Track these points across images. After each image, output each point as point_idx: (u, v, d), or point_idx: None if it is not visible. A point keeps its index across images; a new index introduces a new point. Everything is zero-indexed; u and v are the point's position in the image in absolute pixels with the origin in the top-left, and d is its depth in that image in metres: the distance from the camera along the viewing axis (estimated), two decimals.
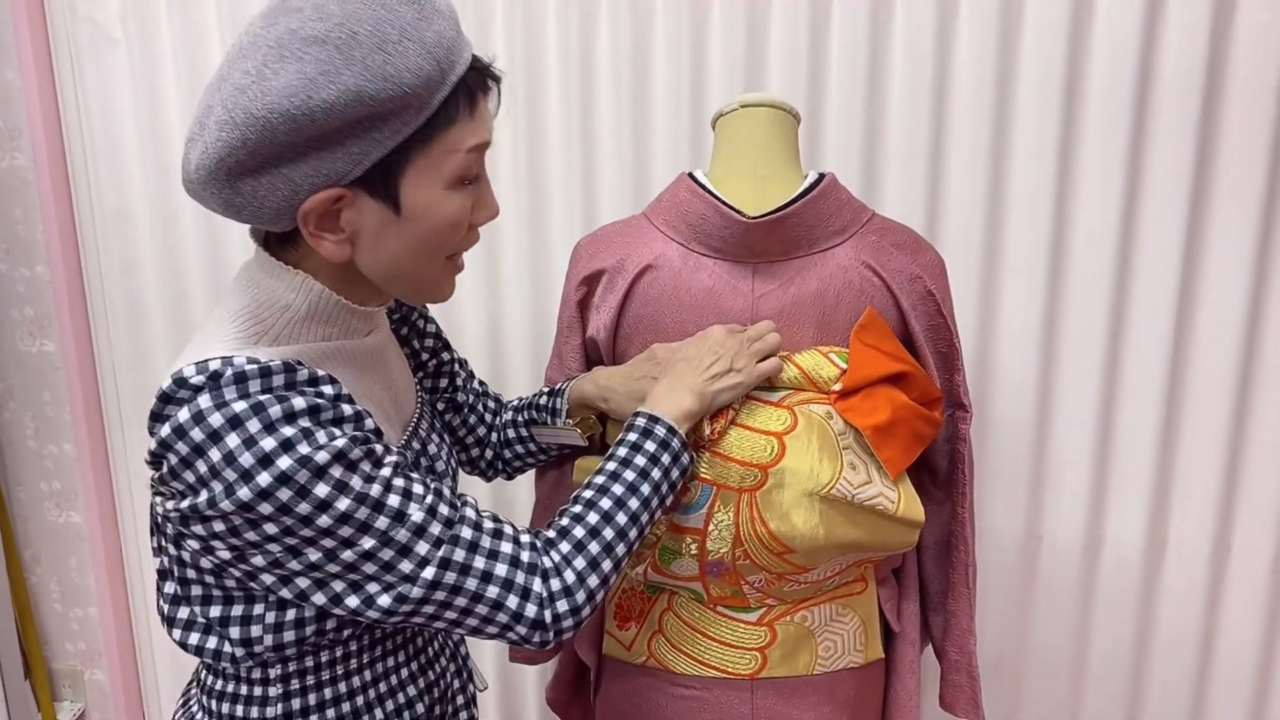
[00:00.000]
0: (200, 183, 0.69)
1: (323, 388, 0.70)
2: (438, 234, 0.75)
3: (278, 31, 0.66)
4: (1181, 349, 1.48)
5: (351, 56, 0.65)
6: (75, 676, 1.93)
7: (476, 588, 0.73)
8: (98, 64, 1.61)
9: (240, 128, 0.65)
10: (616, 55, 1.47)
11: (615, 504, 0.81)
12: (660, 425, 0.87)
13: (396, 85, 0.66)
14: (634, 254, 1.04)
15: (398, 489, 0.70)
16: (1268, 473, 1.49)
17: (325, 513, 0.67)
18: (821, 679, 1.04)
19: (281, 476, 0.65)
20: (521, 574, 0.74)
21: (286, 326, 0.74)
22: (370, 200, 0.71)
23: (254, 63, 0.66)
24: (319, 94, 0.64)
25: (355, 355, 0.79)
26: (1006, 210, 1.46)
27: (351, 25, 0.65)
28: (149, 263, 1.68)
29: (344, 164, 0.68)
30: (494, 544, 0.74)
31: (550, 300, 1.56)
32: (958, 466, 1.09)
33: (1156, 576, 1.57)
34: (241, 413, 0.65)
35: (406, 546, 0.70)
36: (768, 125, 1.05)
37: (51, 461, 1.82)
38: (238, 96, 0.65)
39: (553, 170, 1.53)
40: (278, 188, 0.68)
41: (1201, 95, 1.37)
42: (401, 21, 0.66)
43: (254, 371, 0.67)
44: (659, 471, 0.85)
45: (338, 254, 0.72)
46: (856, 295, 1.01)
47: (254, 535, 0.68)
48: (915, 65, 1.42)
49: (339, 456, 0.67)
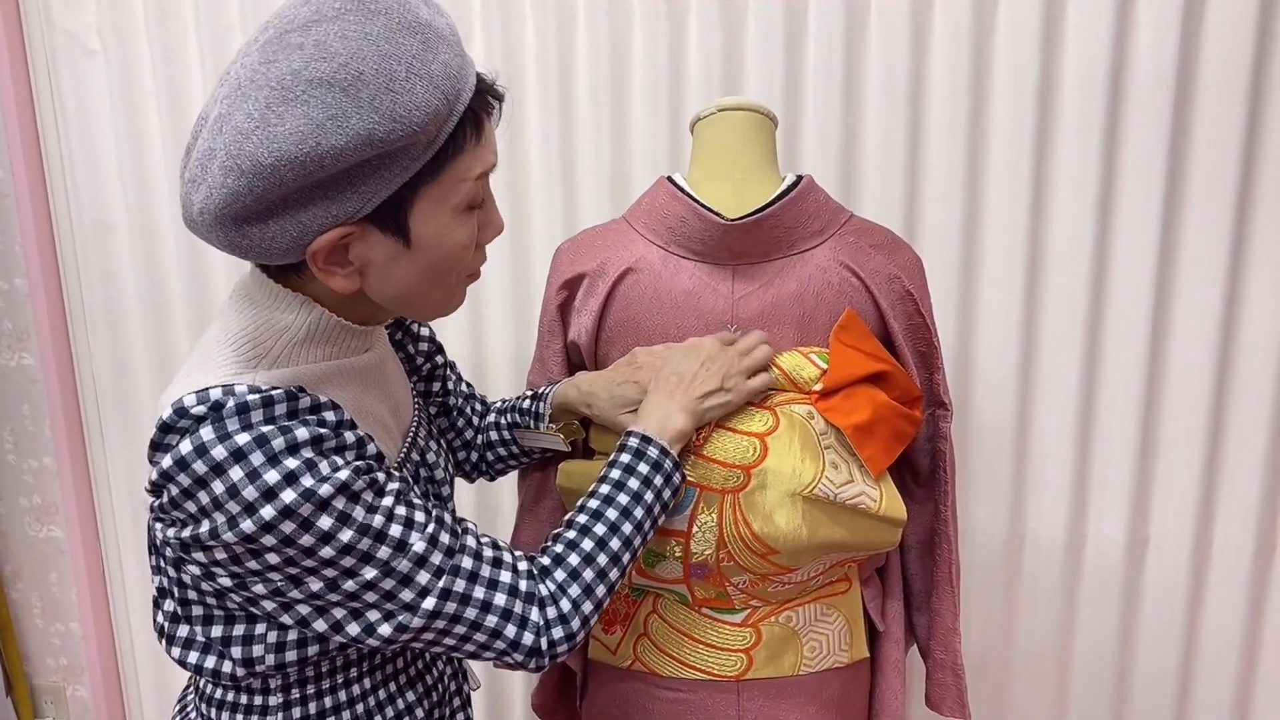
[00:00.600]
0: (205, 225, 0.68)
1: (325, 414, 0.70)
2: (447, 261, 0.74)
3: (279, 71, 0.64)
4: (1159, 346, 1.49)
5: (359, 98, 0.63)
6: (57, 692, 1.91)
7: (475, 617, 0.73)
8: (75, 75, 1.61)
9: (246, 175, 0.63)
10: (595, 60, 1.48)
11: (609, 529, 0.82)
12: (653, 447, 0.87)
13: (406, 125, 0.64)
14: (614, 257, 1.04)
15: (400, 519, 0.71)
16: (1247, 469, 1.51)
17: (328, 544, 0.67)
18: (807, 679, 1.04)
19: (285, 510, 0.65)
20: (519, 603, 0.75)
21: (286, 349, 0.73)
22: (379, 234, 0.70)
23: (256, 105, 0.63)
24: (327, 140, 0.63)
25: (355, 372, 0.79)
26: (983, 210, 1.47)
27: (357, 65, 0.63)
28: (128, 273, 1.67)
29: (353, 204, 0.67)
30: (494, 573, 0.75)
31: (532, 304, 1.56)
32: (939, 465, 1.10)
33: (1139, 574, 1.58)
34: (245, 445, 0.65)
35: (408, 576, 0.70)
36: (745, 128, 1.05)
37: (31, 476, 1.81)
38: (242, 142, 0.63)
39: (533, 175, 1.54)
40: (286, 230, 0.67)
41: (1173, 94, 1.39)
42: (407, 56, 0.65)
43: (256, 401, 0.66)
44: (651, 494, 0.86)
45: (347, 286, 0.72)
46: (836, 296, 1.01)
47: (255, 564, 0.68)
48: (891, 68, 1.43)
49: (342, 489, 0.67)
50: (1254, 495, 1.51)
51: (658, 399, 0.93)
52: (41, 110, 1.64)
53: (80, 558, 1.81)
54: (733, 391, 0.94)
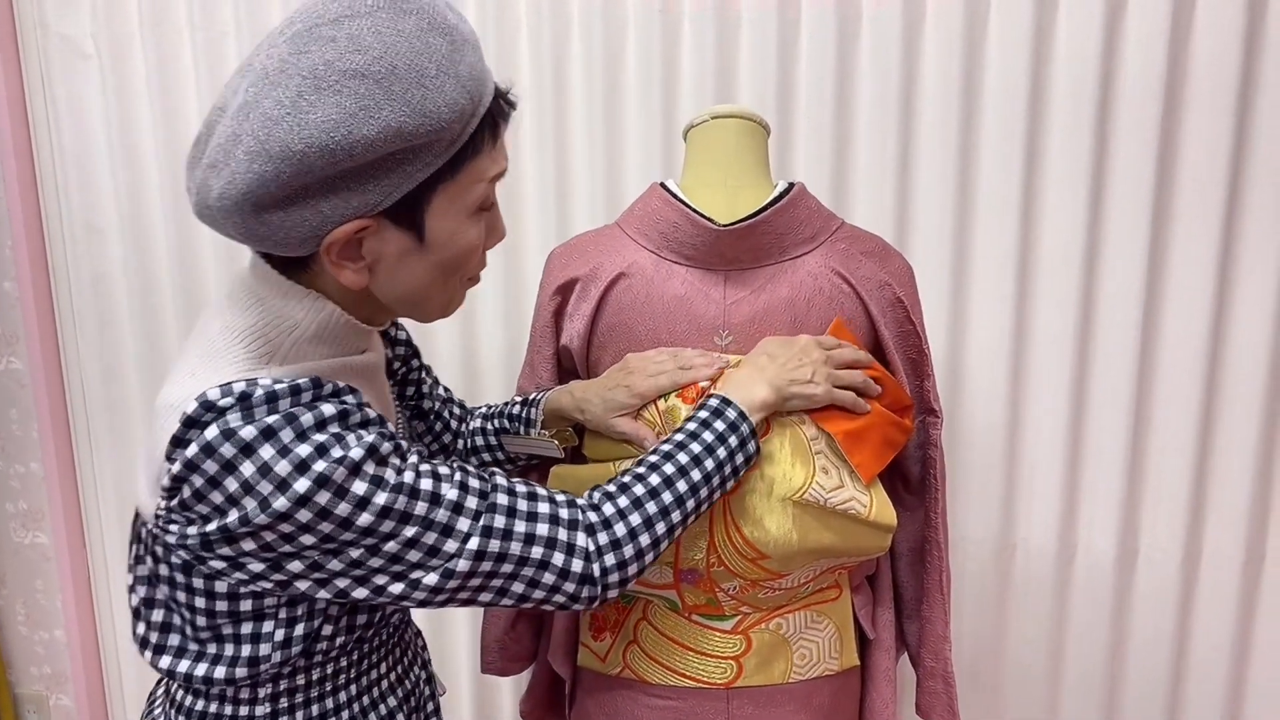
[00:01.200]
0: (222, 211, 0.67)
1: (345, 397, 0.71)
2: (456, 261, 0.75)
3: (312, 61, 0.64)
4: (1149, 355, 1.50)
5: (391, 91, 0.64)
6: (40, 701, 1.88)
7: (521, 550, 0.73)
8: (69, 79, 1.61)
9: (275, 160, 0.64)
10: (589, 67, 1.49)
11: (678, 471, 0.82)
12: (732, 408, 0.87)
13: (434, 120, 0.66)
14: (607, 262, 1.04)
15: (427, 474, 0.71)
16: (1236, 478, 1.51)
17: (365, 510, 0.67)
18: (797, 687, 1.04)
19: (319, 479, 0.65)
20: (564, 530, 0.75)
21: (295, 346, 0.73)
22: (394, 229, 0.70)
23: (287, 93, 0.64)
24: (359, 129, 0.63)
25: (356, 371, 0.79)
26: (974, 219, 1.48)
27: (390, 59, 0.64)
28: (119, 277, 1.67)
29: (375, 197, 0.67)
30: (531, 505, 0.75)
31: (524, 310, 1.56)
32: (929, 472, 1.10)
33: (1129, 582, 1.58)
34: (274, 423, 0.65)
35: (448, 526, 0.71)
36: (738, 136, 1.06)
37: (18, 481, 1.79)
38: (271, 128, 0.63)
39: (526, 180, 1.54)
40: (306, 219, 0.67)
41: (1162, 103, 1.40)
42: (437, 55, 0.66)
43: (284, 390, 0.67)
44: (724, 451, 0.85)
45: (357, 281, 0.72)
46: (827, 302, 1.02)
47: (290, 548, 0.68)
48: (882, 77, 1.44)
49: (371, 451, 0.68)
50: (1243, 505, 1.52)
51: (746, 371, 0.93)
52: (34, 113, 1.64)
53: (66, 564, 1.79)
54: (821, 387, 0.93)
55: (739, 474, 0.88)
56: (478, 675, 1.73)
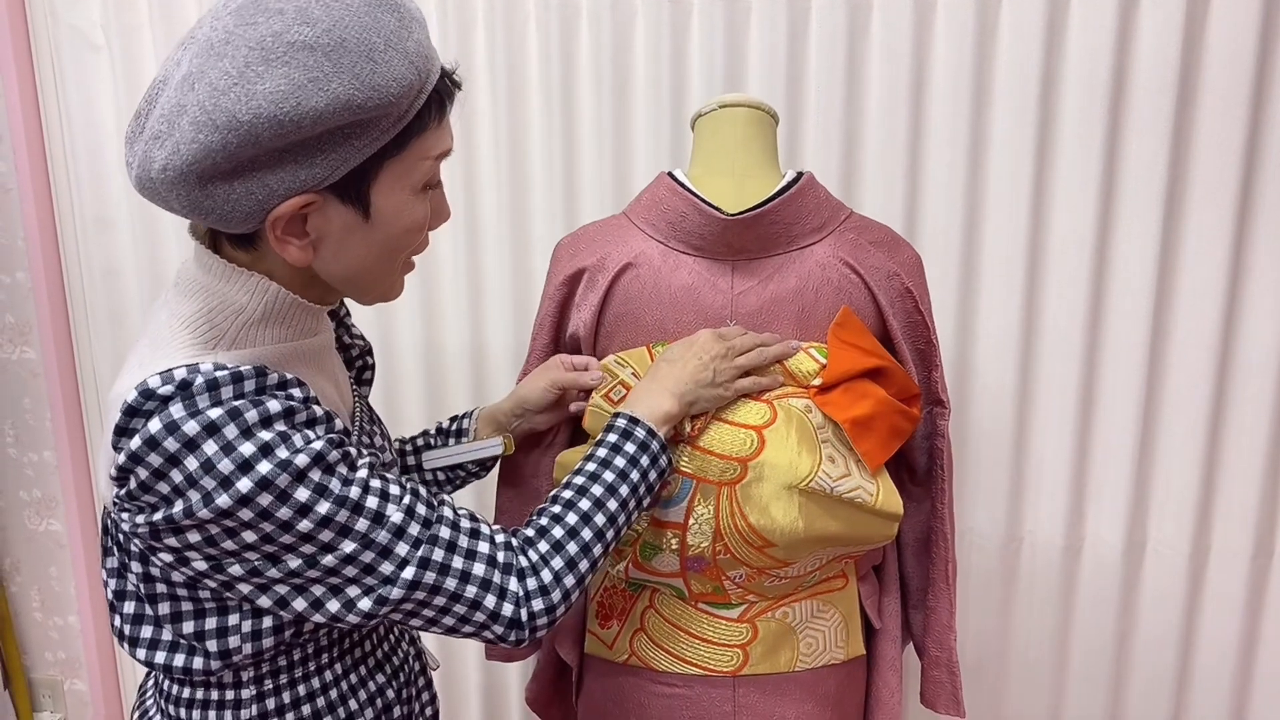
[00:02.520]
0: (165, 184, 0.66)
1: (292, 390, 0.70)
2: (400, 239, 0.75)
3: (259, 33, 0.63)
4: (1159, 350, 1.49)
5: (340, 64, 0.64)
6: (55, 686, 1.91)
7: (455, 587, 0.73)
8: (79, 70, 1.61)
9: (221, 130, 0.63)
10: (597, 57, 1.48)
11: (594, 505, 0.82)
12: (640, 427, 0.88)
13: (383, 94, 0.65)
14: (614, 252, 1.05)
15: (375, 490, 0.71)
16: (1245, 474, 1.51)
17: (305, 517, 0.67)
18: (803, 675, 1.04)
19: (262, 481, 0.65)
20: (498, 573, 0.75)
21: (241, 330, 0.72)
22: (340, 205, 0.70)
23: (234, 63, 0.63)
24: (307, 101, 0.63)
25: (308, 355, 0.79)
26: (984, 210, 1.48)
27: (340, 32, 0.64)
28: (130, 269, 1.68)
29: (321, 171, 0.67)
30: (471, 543, 0.75)
31: (532, 300, 1.56)
32: (936, 463, 1.10)
33: (1136, 577, 1.57)
34: (218, 419, 0.65)
35: (386, 548, 0.70)
36: (746, 125, 1.06)
37: (32, 469, 1.81)
38: (218, 98, 0.63)
39: (534, 170, 1.54)
40: (252, 192, 0.66)
41: (1176, 96, 1.39)
42: (385, 30, 0.66)
43: (225, 378, 0.66)
44: (637, 473, 0.86)
45: (301, 259, 0.71)
46: (835, 292, 1.02)
47: (231, 544, 0.67)
48: (893, 66, 1.44)
49: (317, 459, 0.67)
50: (1252, 500, 1.51)
51: (647, 384, 0.94)
52: (45, 105, 1.65)
53: (79, 552, 1.81)
54: (723, 386, 0.95)
55: (654, 490, 0.89)
56: (484, 662, 1.74)
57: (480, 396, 1.63)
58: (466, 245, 1.57)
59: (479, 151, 1.54)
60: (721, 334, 0.97)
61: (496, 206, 1.55)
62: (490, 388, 1.63)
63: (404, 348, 1.64)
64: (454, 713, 1.77)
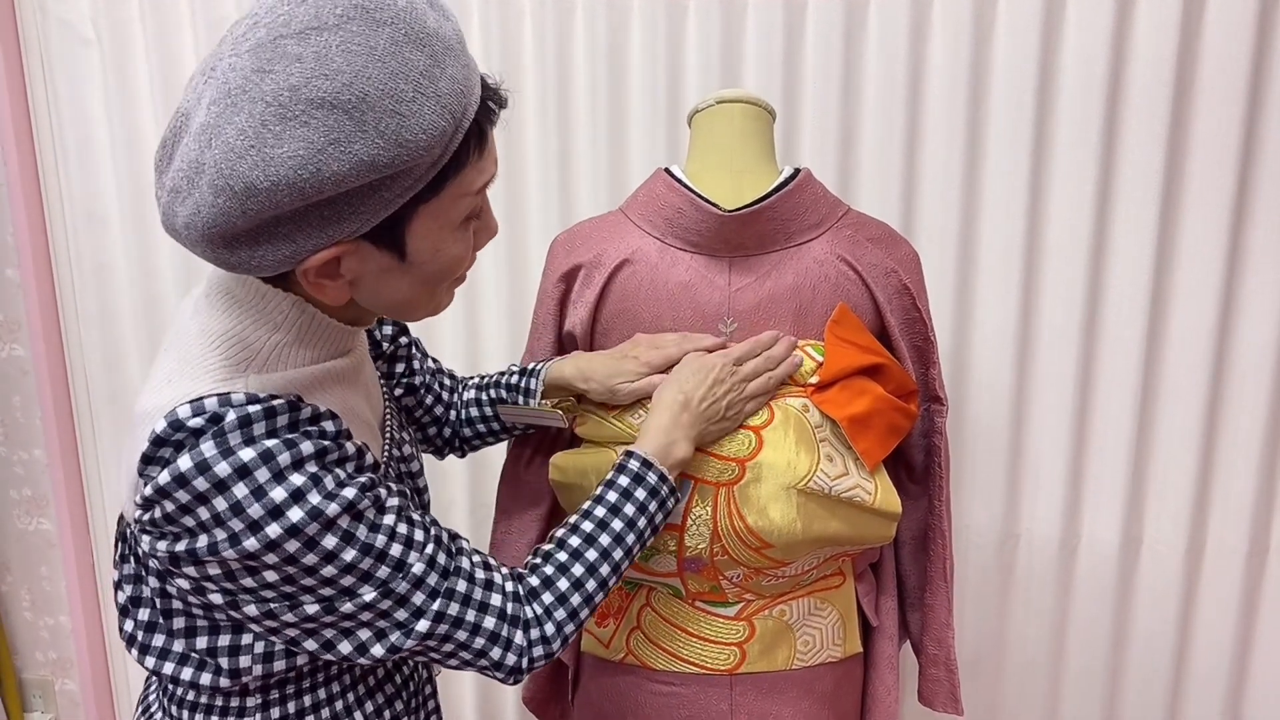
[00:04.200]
0: (189, 240, 0.64)
1: (324, 424, 0.69)
2: (444, 273, 0.73)
3: (275, 85, 0.59)
4: (1155, 347, 1.49)
5: (363, 122, 0.59)
6: (46, 686, 1.89)
7: (465, 639, 0.74)
8: (69, 65, 1.60)
9: (239, 197, 0.60)
10: (593, 52, 1.48)
11: (600, 556, 0.82)
12: (652, 472, 0.87)
13: (411, 149, 0.61)
14: (611, 249, 1.04)
15: (401, 538, 0.70)
16: (1241, 470, 1.51)
17: (330, 563, 0.66)
18: (800, 673, 1.04)
19: (292, 528, 0.64)
20: (506, 626, 0.76)
21: (275, 351, 0.70)
22: (374, 249, 0.67)
23: (250, 122, 0.59)
24: (328, 166, 0.59)
25: (341, 374, 0.77)
26: (981, 207, 1.47)
27: (361, 85, 0.59)
28: (121, 265, 1.67)
29: (350, 226, 0.64)
30: (485, 595, 0.75)
31: (527, 299, 1.55)
32: (934, 460, 1.09)
33: (1132, 574, 1.58)
34: (250, 461, 0.63)
35: (404, 597, 0.70)
36: (743, 121, 1.05)
37: (22, 468, 1.79)
38: (235, 162, 0.59)
39: (530, 167, 1.54)
40: (279, 250, 0.64)
41: (1172, 92, 1.39)
42: (415, 73, 0.60)
43: (259, 413, 0.64)
44: (644, 520, 0.86)
45: (338, 298, 0.69)
46: (832, 289, 1.01)
47: (251, 582, 0.66)
48: (890, 62, 1.43)
49: (349, 508, 0.66)
50: (1248, 497, 1.51)
51: (662, 420, 0.91)
52: (35, 100, 1.63)
53: (70, 551, 1.80)
54: (735, 420, 0.95)
55: (659, 532, 0.89)
56: None
57: None
58: None
59: None
60: (732, 357, 0.95)
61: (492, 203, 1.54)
62: None
63: None
64: (451, 711, 1.76)
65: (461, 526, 1.69)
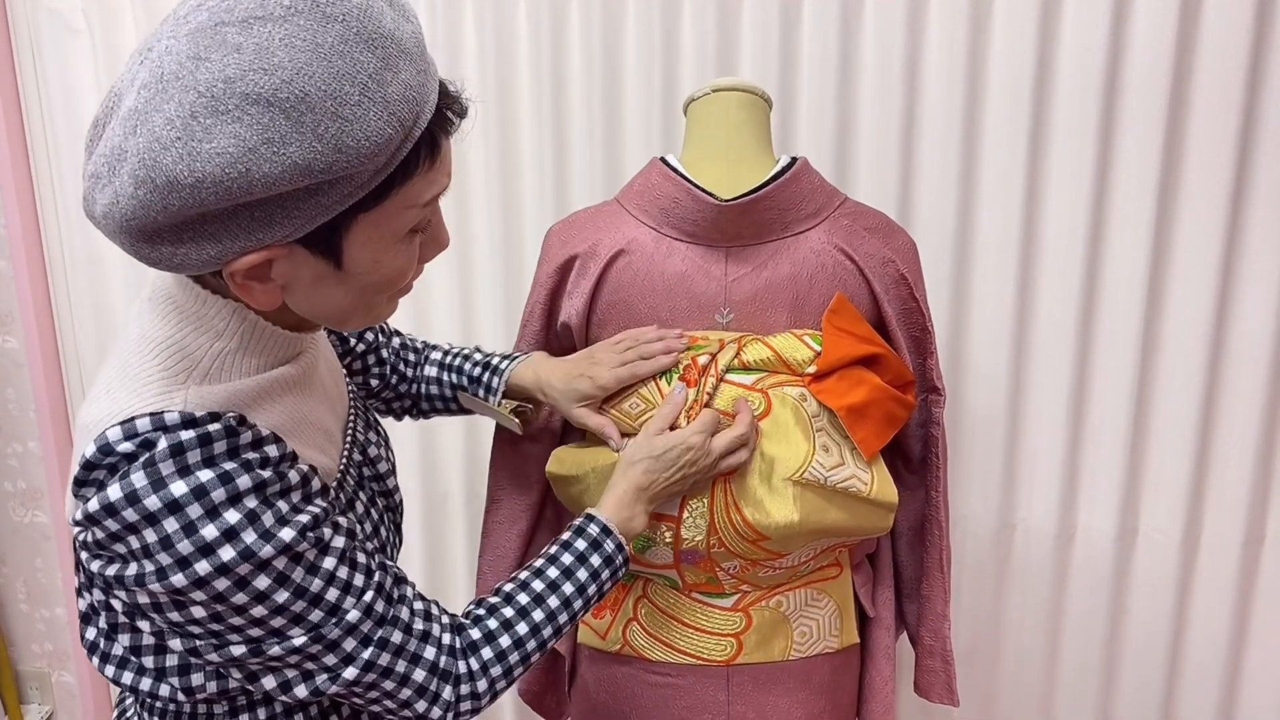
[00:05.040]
0: (108, 230, 0.60)
1: (268, 450, 0.65)
2: (383, 284, 0.68)
3: (209, 75, 0.54)
4: (1152, 337, 1.49)
5: (301, 124, 0.55)
6: (43, 678, 1.89)
7: (392, 689, 0.72)
8: (60, 54, 1.58)
9: (160, 191, 0.55)
10: (587, 40, 1.46)
11: (546, 618, 0.80)
12: (610, 540, 0.86)
13: (352, 156, 0.57)
14: (606, 239, 1.03)
15: (339, 582, 0.67)
16: (1237, 461, 1.51)
17: (261, 604, 0.63)
18: (797, 664, 1.04)
19: (221, 567, 0.61)
20: (436, 680, 0.74)
21: (217, 360, 0.66)
22: (308, 255, 0.63)
23: (180, 111, 0.55)
24: (259, 166, 0.55)
25: (292, 381, 0.73)
26: (978, 197, 1.47)
27: (302, 83, 0.55)
28: (114, 257, 1.65)
29: (281, 230, 0.59)
30: (418, 648, 0.73)
31: (522, 289, 1.55)
32: (931, 450, 1.09)
33: (1128, 564, 1.58)
34: (181, 497, 0.60)
35: (335, 642, 0.68)
36: (739, 109, 1.04)
37: (16, 460, 1.79)
38: (160, 153, 0.55)
39: (524, 156, 1.52)
40: (203, 249, 0.59)
41: (1170, 82, 1.38)
42: (362, 75, 0.56)
43: (192, 441, 0.61)
44: (595, 587, 0.84)
45: (267, 303, 0.65)
46: (830, 279, 1.01)
47: (178, 617, 0.64)
48: (887, 51, 1.42)
49: (284, 550, 0.63)
50: (1244, 487, 1.51)
51: (627, 489, 0.89)
52: (25, 89, 1.62)
53: (65, 543, 1.79)
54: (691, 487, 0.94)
55: (605, 595, 0.87)
56: None
57: None
58: (456, 232, 1.54)
59: (468, 138, 1.51)
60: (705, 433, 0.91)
61: (486, 193, 1.53)
62: None
63: None
64: None
65: (457, 518, 1.69)
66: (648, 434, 0.93)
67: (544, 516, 1.16)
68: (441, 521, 1.69)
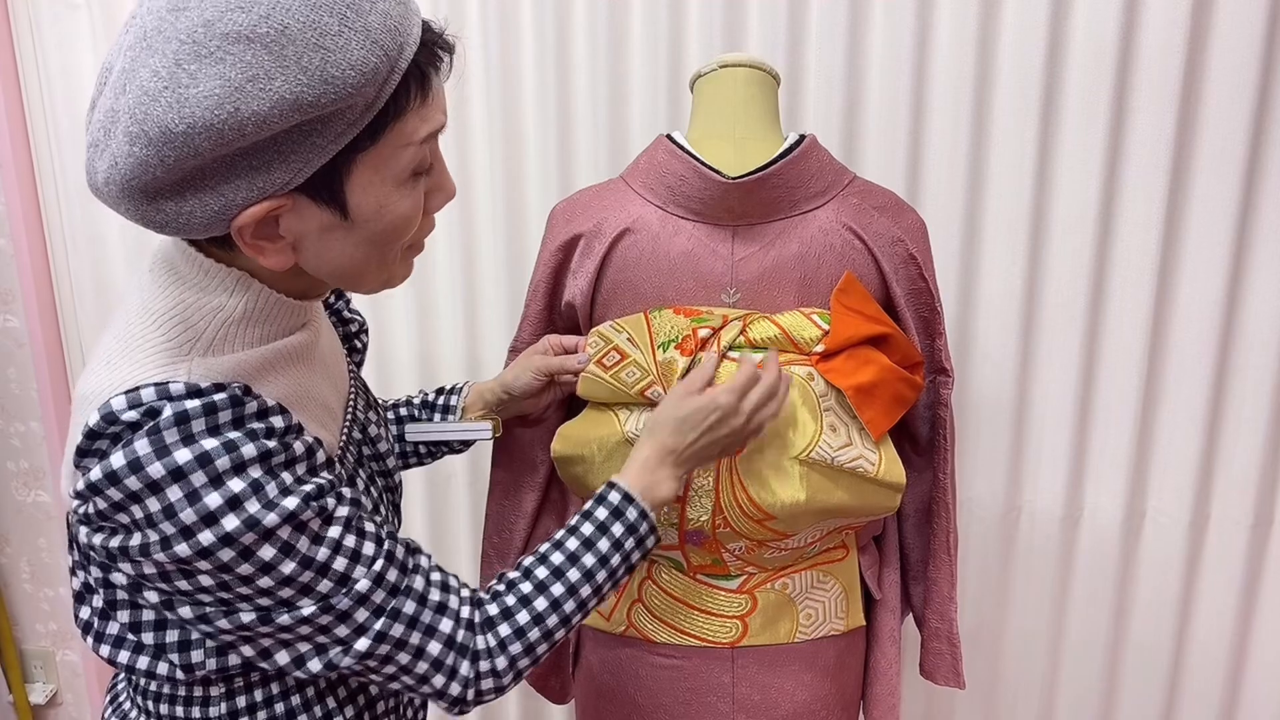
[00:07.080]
0: (111, 197, 0.60)
1: (273, 420, 0.65)
2: (390, 233, 0.67)
3: (189, 22, 0.55)
4: (1161, 320, 1.47)
5: (284, 57, 0.55)
6: (47, 657, 1.90)
7: (407, 662, 0.70)
8: (59, 30, 1.57)
9: (155, 144, 0.56)
10: (593, 15, 1.44)
11: (567, 591, 0.77)
12: (633, 508, 0.81)
13: (339, 87, 0.57)
14: (611, 217, 1.02)
15: (346, 551, 0.66)
16: (1245, 444, 1.50)
17: (267, 574, 0.63)
18: (803, 647, 1.04)
19: (225, 537, 0.60)
20: (453, 654, 0.72)
21: (220, 330, 0.66)
22: (313, 205, 0.63)
23: (164, 61, 0.55)
24: (247, 104, 0.55)
25: (296, 353, 0.72)
26: (987, 177, 1.45)
27: (281, 16, 0.55)
28: (115, 235, 1.65)
29: (281, 175, 0.59)
30: (434, 619, 0.71)
31: (526, 267, 1.54)
32: (939, 432, 1.08)
33: (1135, 547, 1.57)
34: (186, 465, 0.59)
35: (346, 613, 0.66)
36: (747, 86, 1.03)
37: (19, 440, 1.78)
38: (149, 105, 0.55)
39: (528, 134, 1.51)
40: (206, 204, 0.59)
41: (1183, 63, 1.36)
42: (340, 6, 0.57)
43: (197, 410, 0.60)
44: (619, 557, 0.80)
45: (280, 263, 0.65)
46: (838, 258, 0.99)
47: (186, 585, 0.63)
48: (896, 27, 1.40)
49: (289, 518, 0.62)
50: (1252, 470, 1.50)
51: (652, 453, 0.85)
52: (24, 67, 1.60)
53: None
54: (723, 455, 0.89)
55: (634, 570, 0.83)
56: None
57: (473, 366, 1.61)
58: (459, 211, 1.54)
59: (471, 115, 1.50)
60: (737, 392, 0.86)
61: (490, 171, 1.52)
62: (483, 357, 1.60)
63: (395, 317, 1.61)
64: None
65: (460, 500, 1.68)
66: (674, 395, 0.88)
67: (549, 498, 1.15)
68: (445, 505, 1.69)
